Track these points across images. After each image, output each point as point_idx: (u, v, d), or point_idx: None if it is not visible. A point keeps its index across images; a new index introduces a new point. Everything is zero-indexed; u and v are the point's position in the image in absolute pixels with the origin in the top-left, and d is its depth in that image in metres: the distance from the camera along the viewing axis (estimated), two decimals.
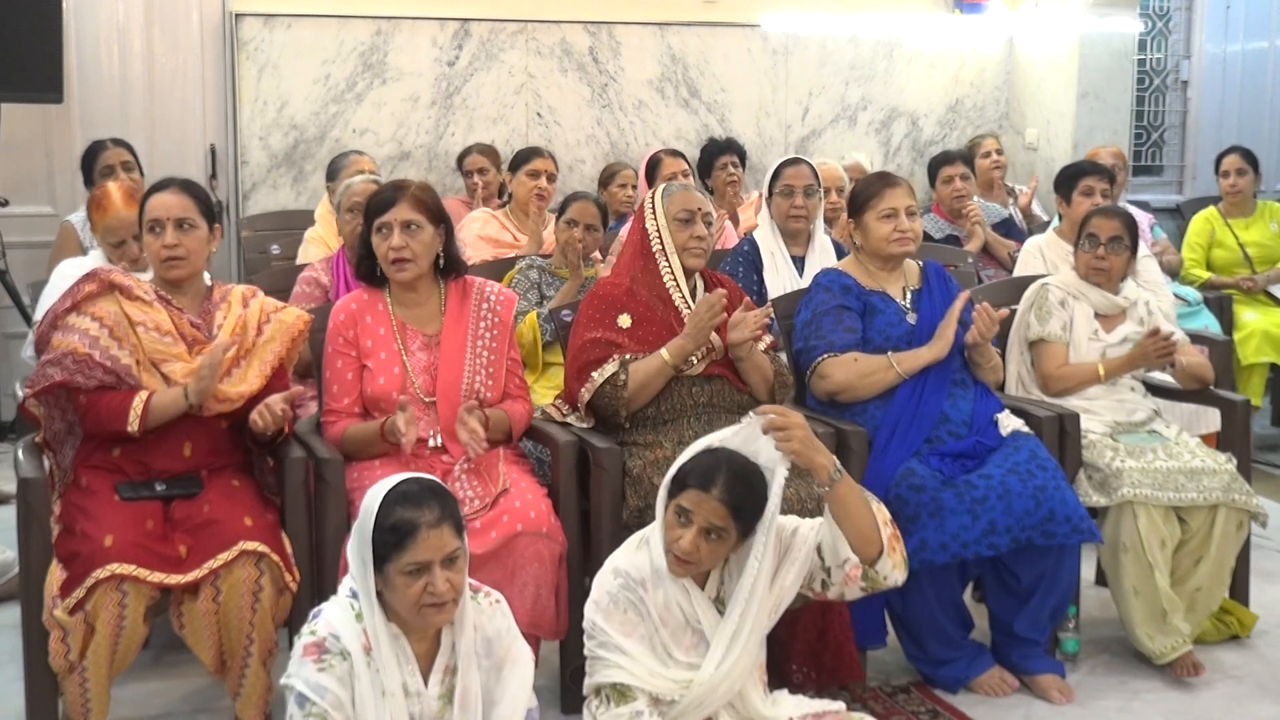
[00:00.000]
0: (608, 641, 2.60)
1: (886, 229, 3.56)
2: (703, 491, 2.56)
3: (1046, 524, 3.22)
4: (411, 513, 2.31)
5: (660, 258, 3.43)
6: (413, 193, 3.25)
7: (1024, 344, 3.86)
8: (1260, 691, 3.41)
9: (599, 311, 3.39)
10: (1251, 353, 5.52)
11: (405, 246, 3.21)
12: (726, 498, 2.55)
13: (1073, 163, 5.07)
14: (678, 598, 2.62)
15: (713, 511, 2.55)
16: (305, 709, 2.27)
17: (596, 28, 6.34)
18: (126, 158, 4.83)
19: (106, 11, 5.78)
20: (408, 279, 3.26)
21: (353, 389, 3.24)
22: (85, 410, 2.98)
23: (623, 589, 2.63)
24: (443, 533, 2.32)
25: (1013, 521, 3.19)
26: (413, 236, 3.22)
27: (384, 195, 3.27)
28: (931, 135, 6.95)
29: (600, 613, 2.62)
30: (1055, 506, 3.23)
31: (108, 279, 3.07)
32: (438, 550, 2.30)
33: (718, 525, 2.56)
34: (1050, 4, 6.78)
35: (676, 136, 6.40)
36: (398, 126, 6.09)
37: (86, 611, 2.71)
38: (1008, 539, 3.19)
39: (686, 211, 3.42)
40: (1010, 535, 3.19)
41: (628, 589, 2.63)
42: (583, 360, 3.34)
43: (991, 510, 3.18)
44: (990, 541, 3.18)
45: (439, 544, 2.31)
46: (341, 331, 3.27)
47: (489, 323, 3.34)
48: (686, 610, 2.63)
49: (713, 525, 2.55)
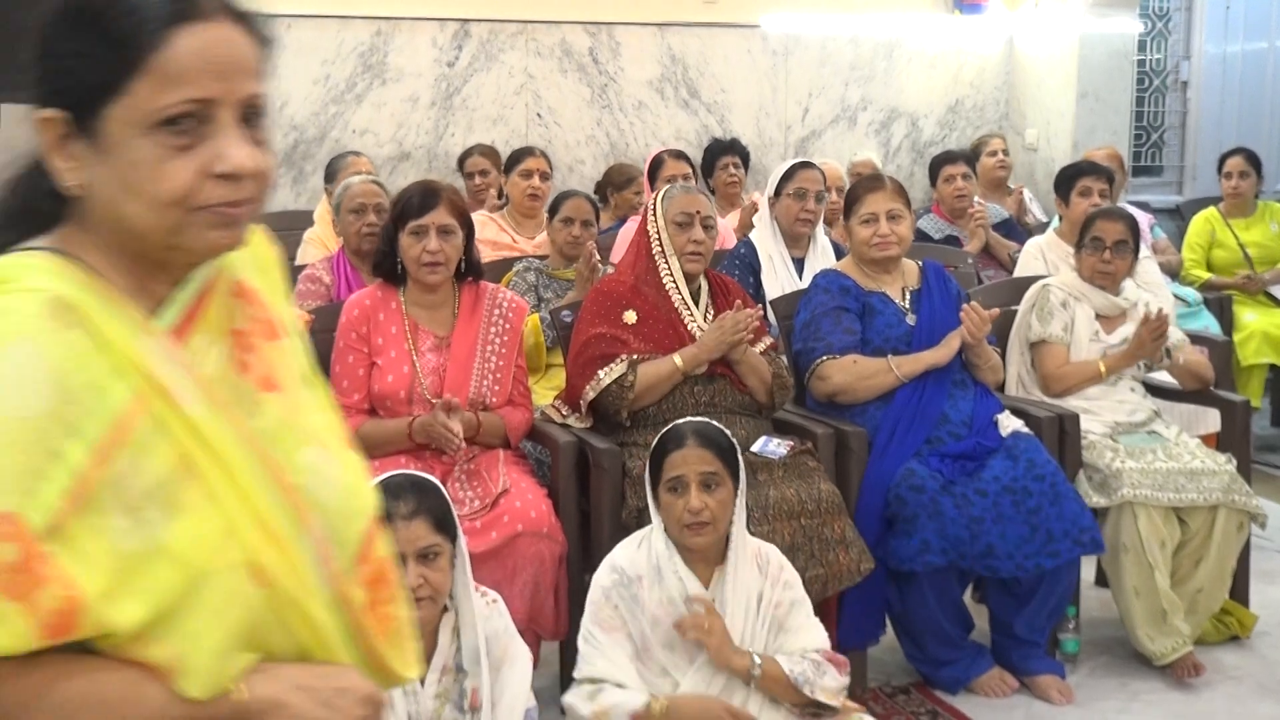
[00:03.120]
0: (591, 636, 2.62)
1: (866, 233, 3.58)
2: (681, 449, 2.64)
3: (1048, 546, 3.22)
4: (387, 503, 2.30)
5: (660, 260, 3.43)
6: (448, 197, 3.28)
7: (1025, 345, 3.86)
8: (1260, 691, 3.41)
9: (604, 308, 3.39)
10: (1251, 353, 5.52)
11: (440, 250, 3.22)
12: (703, 442, 2.65)
13: (1071, 163, 5.07)
14: (673, 597, 2.62)
15: (699, 459, 2.62)
16: None
17: (596, 28, 6.34)
18: None
19: None
20: (439, 281, 3.27)
21: (363, 385, 3.24)
22: None
23: (616, 585, 2.64)
24: (416, 526, 2.32)
25: (1011, 549, 3.20)
26: (447, 241, 3.24)
27: (419, 198, 3.26)
28: (931, 135, 6.95)
29: (590, 606, 2.65)
30: (1053, 525, 3.23)
31: None
32: (410, 543, 2.30)
33: (709, 471, 2.62)
34: (1050, 4, 6.79)
35: (676, 137, 6.40)
36: (398, 127, 6.09)
37: None
38: (1009, 565, 3.20)
39: (685, 215, 3.42)
40: (1013, 562, 3.20)
41: (621, 585, 2.64)
42: (587, 355, 3.34)
43: (988, 534, 3.19)
44: (989, 564, 3.20)
45: (411, 537, 2.31)
46: (354, 327, 3.27)
47: (500, 329, 3.34)
48: (681, 611, 2.62)
49: (705, 473, 2.61)
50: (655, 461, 2.69)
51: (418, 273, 3.26)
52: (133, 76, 1.10)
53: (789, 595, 2.69)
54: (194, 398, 1.13)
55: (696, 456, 2.63)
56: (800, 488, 3.11)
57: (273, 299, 1.29)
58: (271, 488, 1.16)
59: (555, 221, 4.34)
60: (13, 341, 1.06)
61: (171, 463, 1.11)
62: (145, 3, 1.11)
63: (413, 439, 3.14)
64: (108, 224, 1.15)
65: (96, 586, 1.05)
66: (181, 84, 1.10)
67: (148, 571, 1.07)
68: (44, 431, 1.05)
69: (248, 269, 1.27)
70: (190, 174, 1.11)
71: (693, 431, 2.68)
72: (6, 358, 1.05)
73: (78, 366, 1.08)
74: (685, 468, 2.62)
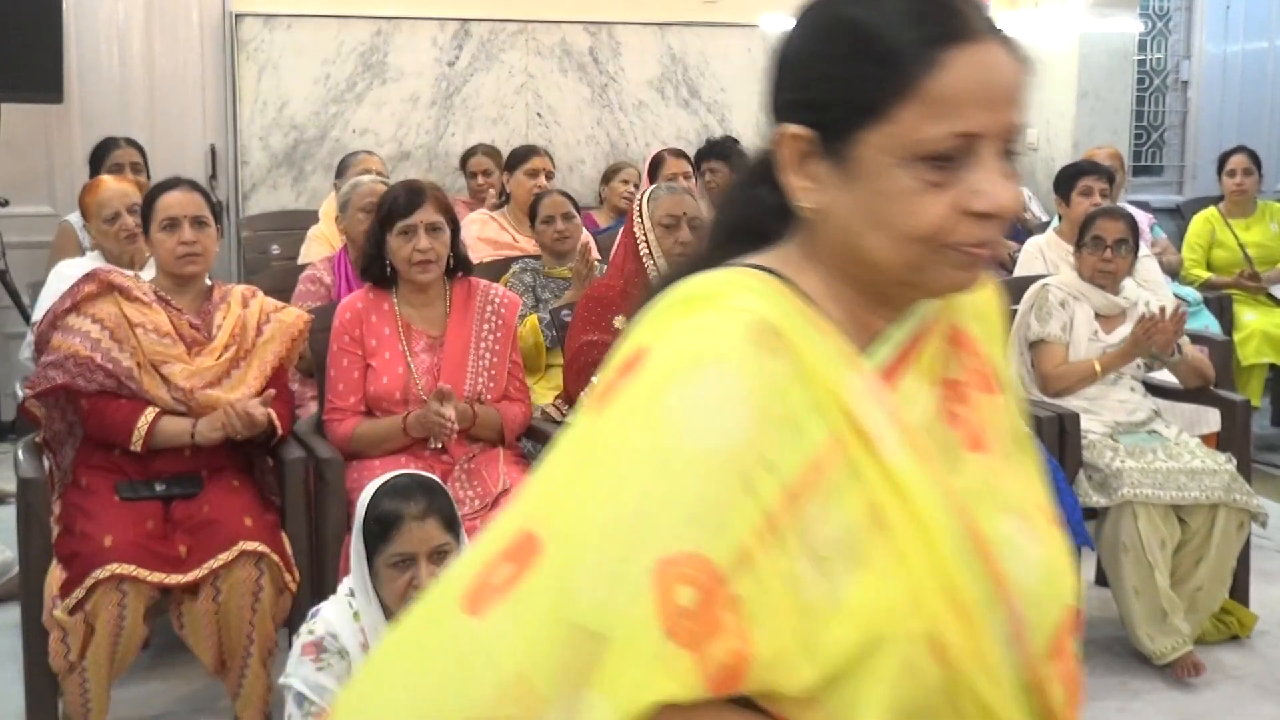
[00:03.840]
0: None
1: None
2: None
3: None
4: (397, 504, 2.31)
5: (647, 261, 3.44)
6: (434, 194, 3.27)
7: (1024, 344, 3.86)
8: (1260, 691, 3.41)
9: (593, 314, 3.41)
10: (1251, 353, 5.52)
11: (431, 248, 3.22)
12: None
13: (1071, 163, 5.07)
14: None
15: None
16: (304, 708, 2.27)
17: (596, 28, 6.34)
18: (136, 159, 4.85)
19: (106, 11, 5.78)
20: (431, 279, 3.27)
21: (359, 387, 3.24)
22: (88, 416, 2.98)
23: None
24: (428, 526, 2.31)
25: None
26: (436, 238, 3.23)
27: (405, 197, 3.26)
28: None
29: None
30: None
31: (107, 279, 3.07)
32: (422, 543, 2.30)
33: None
34: (1050, 4, 6.79)
35: (676, 137, 6.40)
36: (398, 127, 6.09)
37: (86, 612, 2.71)
38: None
39: (670, 217, 3.43)
40: None
41: None
42: (580, 363, 3.35)
43: None
44: None
45: (423, 537, 2.30)
46: (347, 330, 3.27)
47: (492, 325, 3.34)
48: None
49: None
50: None
51: (409, 272, 3.25)
52: (899, 102, 0.98)
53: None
54: (896, 444, 1.01)
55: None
56: None
57: (990, 350, 1.16)
58: (968, 554, 1.01)
59: (538, 225, 4.37)
60: (710, 363, 0.97)
61: (860, 512, 0.98)
62: (918, 21, 0.99)
63: (408, 434, 3.14)
64: (837, 250, 1.05)
65: (771, 641, 0.94)
66: (951, 115, 0.98)
67: (825, 630, 0.95)
68: (740, 464, 0.94)
69: (966, 314, 1.14)
70: (944, 210, 1.00)
71: None
72: (704, 382, 0.96)
73: (777, 397, 0.97)
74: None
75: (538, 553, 0.96)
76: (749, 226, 1.10)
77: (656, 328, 1.02)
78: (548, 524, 0.97)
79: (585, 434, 1.01)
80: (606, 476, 0.97)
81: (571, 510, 0.97)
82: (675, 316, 1.02)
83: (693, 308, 1.02)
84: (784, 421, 0.97)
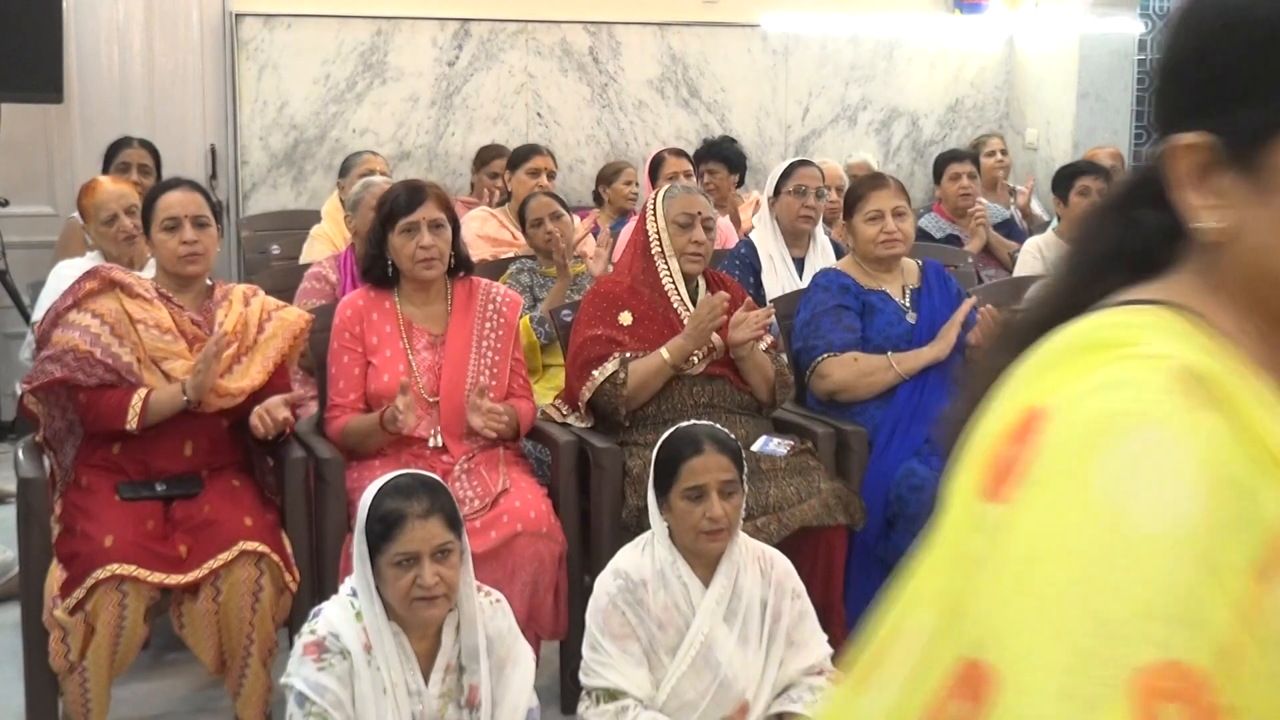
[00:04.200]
0: (600, 645, 2.60)
1: (873, 231, 3.57)
2: (700, 455, 2.60)
3: None
4: (400, 503, 2.31)
5: (660, 260, 3.44)
6: (434, 192, 3.28)
7: None
8: None
9: (600, 309, 3.40)
10: None
11: (434, 245, 3.22)
12: (721, 449, 2.62)
13: (1070, 163, 5.08)
14: (678, 601, 2.62)
15: (719, 467, 2.60)
16: (305, 708, 2.27)
17: (596, 28, 6.34)
18: (145, 160, 4.86)
19: (106, 11, 5.78)
20: (434, 276, 3.27)
21: (358, 385, 3.24)
22: (85, 408, 2.98)
23: (622, 591, 2.62)
24: (431, 524, 2.31)
25: None
26: (439, 235, 3.24)
27: (406, 195, 3.26)
28: (931, 135, 6.95)
29: (598, 615, 2.62)
30: None
31: (109, 276, 3.08)
32: (426, 542, 2.30)
33: (727, 479, 2.60)
34: (1050, 4, 6.79)
35: (676, 136, 6.40)
36: (398, 126, 6.10)
37: (86, 612, 2.71)
38: None
39: (686, 215, 3.42)
40: None
41: (628, 590, 2.62)
42: (584, 358, 3.34)
43: None
44: None
45: (427, 535, 2.31)
46: (348, 327, 3.27)
47: (494, 323, 3.34)
48: (686, 615, 2.62)
49: (723, 481, 2.59)
50: (667, 466, 2.65)
51: (413, 270, 3.25)
52: None
53: (798, 606, 2.68)
54: None
55: (717, 464, 2.60)
56: (801, 486, 3.11)
57: None
58: None
59: (528, 228, 4.38)
60: (1134, 426, 0.80)
61: None
62: None
63: (384, 428, 3.12)
64: (1254, 277, 0.89)
65: None
66: None
67: None
68: (1201, 546, 0.77)
69: None
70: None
71: (709, 437, 2.65)
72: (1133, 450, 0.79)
73: (1222, 460, 0.80)
74: (706, 475, 2.58)
75: (992, 684, 0.80)
76: (1127, 255, 0.95)
77: (1048, 384, 0.86)
78: (995, 647, 0.80)
79: (1000, 531, 0.83)
80: (1050, 581, 0.80)
81: (1020, 627, 0.80)
82: (1072, 371, 0.85)
83: (1094, 358, 0.85)
84: (1234, 487, 0.80)
